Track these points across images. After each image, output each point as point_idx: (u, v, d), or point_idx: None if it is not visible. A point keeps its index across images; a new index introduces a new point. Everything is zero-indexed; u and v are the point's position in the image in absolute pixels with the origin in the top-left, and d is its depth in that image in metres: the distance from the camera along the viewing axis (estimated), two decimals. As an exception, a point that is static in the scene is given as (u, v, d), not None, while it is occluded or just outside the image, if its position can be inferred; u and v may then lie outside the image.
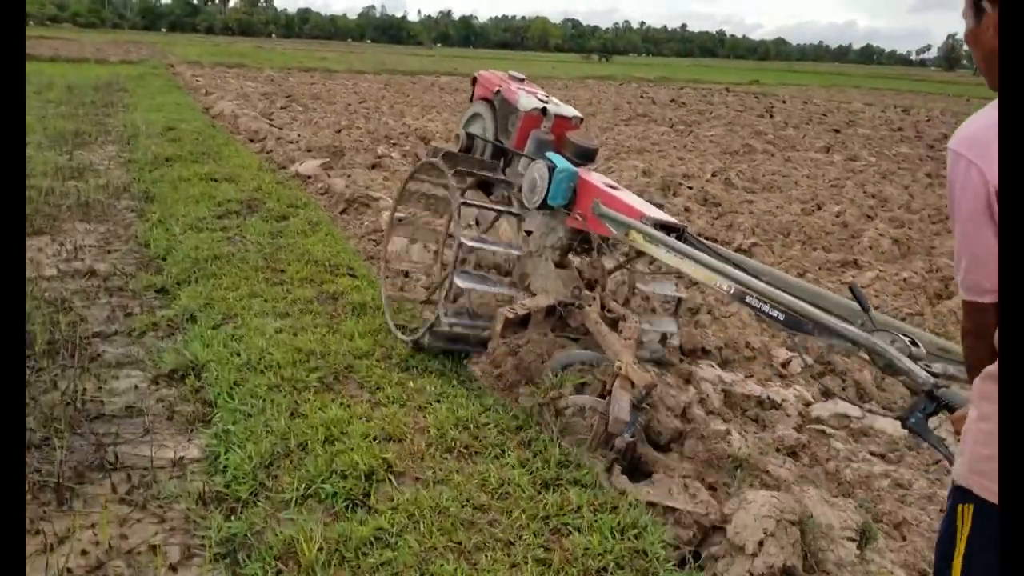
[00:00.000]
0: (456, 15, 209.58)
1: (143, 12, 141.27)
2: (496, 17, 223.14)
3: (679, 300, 4.80)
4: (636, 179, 11.79)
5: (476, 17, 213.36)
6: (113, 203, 8.52)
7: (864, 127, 22.98)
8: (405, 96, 26.28)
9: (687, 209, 9.61)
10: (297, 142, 13.73)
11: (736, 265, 3.66)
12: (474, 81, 5.48)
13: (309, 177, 11.04)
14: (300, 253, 6.45)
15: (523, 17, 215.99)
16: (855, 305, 3.10)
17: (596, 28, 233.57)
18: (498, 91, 5.10)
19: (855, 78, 76.01)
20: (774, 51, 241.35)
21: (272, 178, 9.56)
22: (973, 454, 1.85)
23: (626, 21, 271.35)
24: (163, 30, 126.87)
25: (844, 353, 3.18)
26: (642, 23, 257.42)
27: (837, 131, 21.32)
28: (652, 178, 12.04)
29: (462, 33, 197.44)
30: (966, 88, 61.96)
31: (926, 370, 2.62)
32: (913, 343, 2.83)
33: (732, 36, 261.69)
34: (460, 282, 4.29)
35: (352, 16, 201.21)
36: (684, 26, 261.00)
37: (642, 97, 32.47)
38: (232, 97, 20.91)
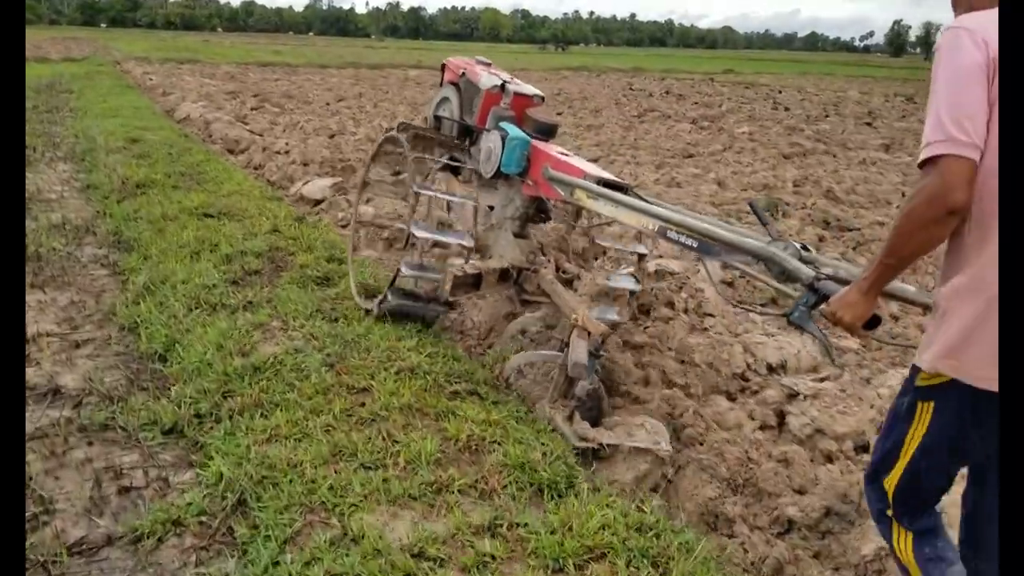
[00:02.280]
0: (404, 6, 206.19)
1: (81, 8, 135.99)
2: (445, 8, 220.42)
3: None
4: (716, 195, 9.65)
5: (424, 8, 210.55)
6: (74, 253, 6.18)
7: (892, 118, 21.08)
8: (383, 93, 23.85)
9: (821, 239, 7.50)
10: (288, 152, 11.40)
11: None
12: (443, 68, 5.56)
13: (320, 202, 8.75)
14: (383, 351, 4.19)
15: (472, 8, 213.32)
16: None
17: (546, 18, 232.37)
18: (463, 73, 5.19)
19: (819, 65, 74.70)
20: (722, 40, 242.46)
21: (287, 211, 7.22)
22: (945, 341, 2.02)
23: (576, 11, 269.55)
24: (103, 25, 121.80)
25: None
26: (591, 12, 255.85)
27: (869, 124, 19.40)
28: (731, 191, 9.92)
29: (411, 25, 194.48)
30: (925, 73, 60.66)
31: (814, 270, 2.70)
32: (804, 248, 2.97)
33: (681, 25, 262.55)
34: (417, 231, 4.31)
35: (298, 8, 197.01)
36: (633, 15, 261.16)
37: (632, 89, 30.36)
38: (195, 97, 18.38)
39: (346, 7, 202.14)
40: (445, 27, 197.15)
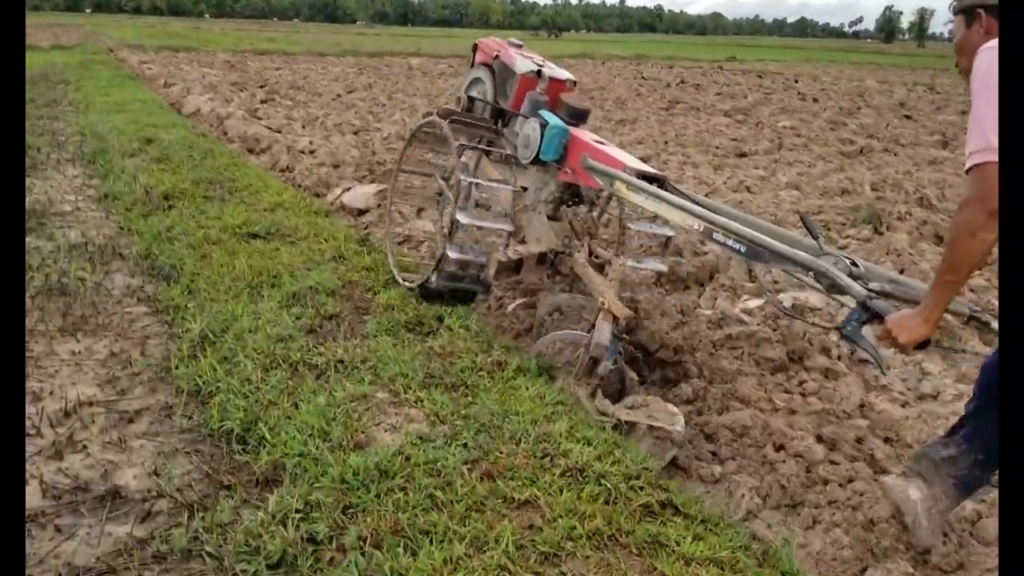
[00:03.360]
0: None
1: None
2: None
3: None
4: (799, 202, 8.76)
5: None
6: (103, 284, 5.23)
7: (927, 111, 20.19)
8: (393, 83, 22.82)
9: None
10: (314, 152, 10.46)
11: (709, 210, 3.75)
12: (475, 48, 5.57)
13: (364, 212, 7.82)
14: (533, 441, 3.26)
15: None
16: (809, 241, 3.33)
17: (536, 4, 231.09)
18: (497, 56, 5.23)
19: (819, 52, 73.82)
20: (711, 26, 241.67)
21: (346, 232, 6.26)
22: None
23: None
24: (88, 11, 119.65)
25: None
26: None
27: (908, 116, 18.54)
28: (812, 199, 9.04)
29: (399, 11, 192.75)
30: (927, 60, 59.83)
31: (864, 287, 2.82)
32: (854, 264, 3.04)
33: (670, 11, 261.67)
34: (462, 218, 4.43)
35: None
36: (623, 1, 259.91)
37: (644, 78, 29.40)
38: (200, 90, 17.35)
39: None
40: (435, 13, 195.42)
